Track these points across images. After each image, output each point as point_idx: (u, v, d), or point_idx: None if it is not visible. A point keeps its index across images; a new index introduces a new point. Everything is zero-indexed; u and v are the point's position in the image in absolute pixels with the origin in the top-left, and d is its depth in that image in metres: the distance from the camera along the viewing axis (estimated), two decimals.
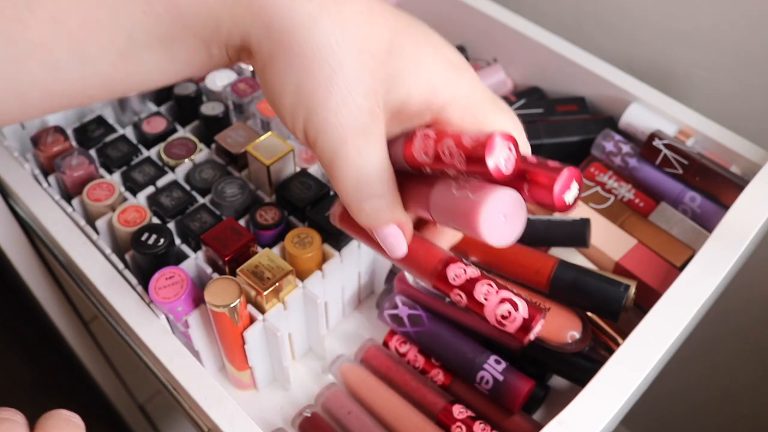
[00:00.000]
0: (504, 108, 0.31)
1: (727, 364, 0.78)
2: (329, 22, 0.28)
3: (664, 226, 0.47)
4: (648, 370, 0.36)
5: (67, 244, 0.43)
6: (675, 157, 0.48)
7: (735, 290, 0.53)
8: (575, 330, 0.40)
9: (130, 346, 0.44)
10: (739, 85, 0.58)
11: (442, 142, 0.28)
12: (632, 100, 0.52)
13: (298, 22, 0.28)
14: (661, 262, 0.45)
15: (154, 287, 0.39)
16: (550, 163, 0.28)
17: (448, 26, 0.63)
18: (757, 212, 0.43)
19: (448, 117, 0.29)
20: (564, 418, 0.34)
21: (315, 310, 0.42)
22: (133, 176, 0.46)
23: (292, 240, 0.41)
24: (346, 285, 0.46)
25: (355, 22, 0.28)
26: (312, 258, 0.41)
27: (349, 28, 0.28)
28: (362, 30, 0.28)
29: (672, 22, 0.59)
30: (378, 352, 0.44)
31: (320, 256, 0.42)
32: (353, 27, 0.28)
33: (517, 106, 0.54)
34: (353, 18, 0.28)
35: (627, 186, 0.50)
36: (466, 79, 0.30)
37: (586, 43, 0.56)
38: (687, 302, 0.39)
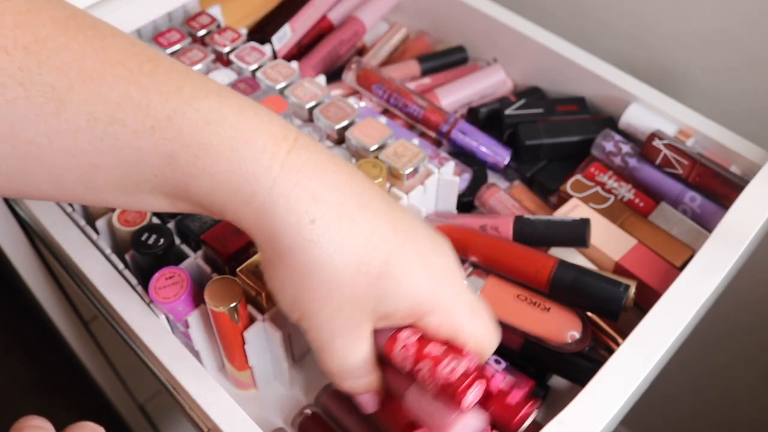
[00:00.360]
0: (481, 314, 0.34)
1: (727, 364, 0.78)
2: (330, 247, 0.29)
3: (664, 226, 0.47)
4: (648, 370, 0.36)
5: (67, 244, 0.43)
6: (675, 157, 0.48)
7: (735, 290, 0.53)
8: (575, 330, 0.40)
9: (130, 346, 0.44)
10: (739, 85, 0.58)
11: (421, 362, 0.32)
12: (632, 100, 0.52)
13: (300, 244, 0.29)
14: (661, 262, 0.45)
15: (154, 287, 0.39)
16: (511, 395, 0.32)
17: (448, 26, 0.63)
18: (757, 212, 0.43)
19: (427, 324, 0.32)
20: (564, 418, 0.34)
21: None
22: None
23: None
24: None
25: (355, 247, 0.30)
26: None
27: (348, 252, 0.30)
28: (360, 254, 0.30)
29: (672, 22, 0.59)
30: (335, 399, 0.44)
31: None
32: (352, 252, 0.30)
33: (517, 106, 0.54)
34: (354, 243, 0.30)
35: (627, 186, 0.50)
36: (447, 289, 0.33)
37: (586, 43, 0.56)
38: (687, 302, 0.39)
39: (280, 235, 0.29)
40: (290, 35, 0.60)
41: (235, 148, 0.28)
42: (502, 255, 0.44)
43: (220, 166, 0.28)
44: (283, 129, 0.30)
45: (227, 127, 0.28)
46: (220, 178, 0.29)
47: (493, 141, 0.53)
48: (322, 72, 0.60)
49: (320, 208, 0.29)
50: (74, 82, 0.27)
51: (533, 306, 0.42)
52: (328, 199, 0.29)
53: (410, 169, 0.45)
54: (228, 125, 0.29)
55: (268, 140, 0.29)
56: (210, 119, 0.28)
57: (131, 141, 0.28)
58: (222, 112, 0.29)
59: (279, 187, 0.29)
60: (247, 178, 0.29)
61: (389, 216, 0.31)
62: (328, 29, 0.64)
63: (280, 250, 0.30)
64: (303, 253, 0.29)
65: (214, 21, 0.55)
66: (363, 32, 0.64)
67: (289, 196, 0.29)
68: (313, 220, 0.29)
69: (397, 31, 0.64)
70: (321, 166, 0.30)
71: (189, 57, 0.52)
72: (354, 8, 0.65)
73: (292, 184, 0.29)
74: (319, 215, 0.29)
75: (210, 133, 0.28)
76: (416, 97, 0.54)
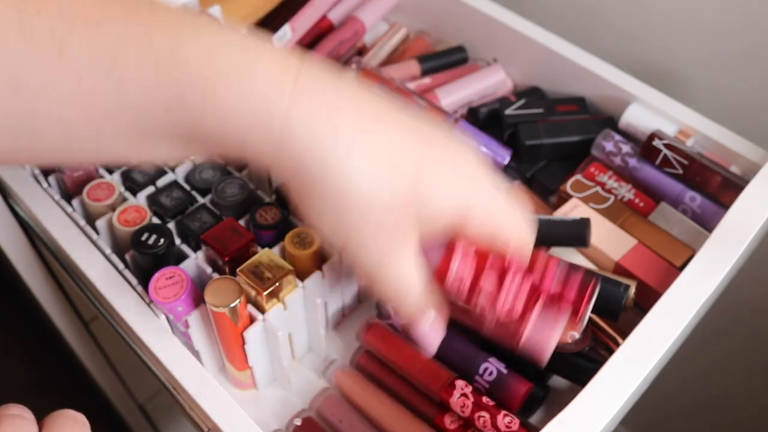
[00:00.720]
0: (515, 208, 0.34)
1: (728, 364, 0.78)
2: (360, 157, 0.29)
3: (664, 226, 0.47)
4: (648, 370, 0.36)
5: (67, 244, 0.43)
6: (675, 157, 0.48)
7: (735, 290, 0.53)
8: (575, 330, 0.40)
9: (130, 346, 0.44)
10: (740, 85, 0.58)
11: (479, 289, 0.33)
12: (632, 100, 0.52)
13: (330, 160, 0.29)
14: (661, 262, 0.45)
15: (154, 287, 0.39)
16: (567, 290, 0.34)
17: (448, 26, 0.63)
18: (757, 212, 0.43)
19: (469, 226, 0.32)
20: (564, 419, 0.34)
21: (315, 310, 0.42)
22: (133, 176, 0.46)
23: (292, 240, 0.42)
24: (347, 285, 0.46)
25: (385, 153, 0.29)
26: (312, 258, 0.41)
27: (380, 159, 0.29)
28: (392, 160, 0.30)
29: (672, 22, 0.59)
30: (373, 358, 0.44)
31: (320, 257, 0.42)
32: (384, 158, 0.29)
33: (517, 106, 0.54)
34: (383, 150, 0.29)
35: (627, 186, 0.50)
36: (483, 190, 0.33)
37: (586, 43, 0.56)
38: (687, 302, 0.39)
39: (308, 156, 0.28)
40: (290, 35, 0.60)
41: (244, 75, 0.28)
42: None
43: (231, 97, 0.28)
44: (288, 53, 0.29)
45: (233, 56, 0.28)
46: (233, 109, 0.28)
47: (493, 141, 0.53)
48: None
49: (342, 116, 0.29)
50: (74, 24, 0.26)
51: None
52: (347, 106, 0.29)
53: None
54: (234, 54, 0.28)
55: (275, 64, 0.28)
56: (214, 51, 0.28)
57: (137, 80, 0.27)
58: (226, 43, 0.28)
59: (296, 105, 0.28)
60: (262, 103, 0.28)
61: (410, 124, 0.31)
62: (328, 29, 0.64)
63: (311, 174, 0.29)
64: (335, 171, 0.29)
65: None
66: (363, 32, 0.64)
67: (307, 112, 0.28)
68: (338, 128, 0.28)
69: (397, 31, 0.64)
70: (331, 81, 0.29)
71: None
72: (354, 8, 0.65)
73: (308, 100, 0.28)
74: (342, 123, 0.28)
75: (217, 63, 0.27)
76: (416, 97, 0.54)
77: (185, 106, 0.28)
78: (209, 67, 0.27)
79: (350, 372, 0.44)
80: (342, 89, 0.29)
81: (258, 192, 0.46)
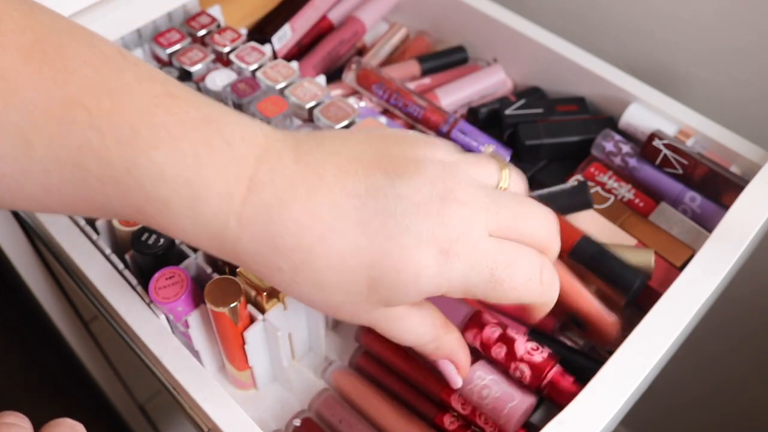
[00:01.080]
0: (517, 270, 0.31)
1: (728, 364, 0.78)
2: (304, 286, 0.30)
3: (664, 226, 0.47)
4: (648, 370, 0.36)
5: (67, 244, 0.43)
6: (675, 157, 0.48)
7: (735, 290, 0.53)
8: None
9: (130, 346, 0.44)
10: (740, 86, 0.58)
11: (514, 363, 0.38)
12: (632, 100, 0.52)
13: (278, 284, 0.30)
14: (661, 262, 0.45)
15: (154, 287, 0.39)
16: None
17: (448, 26, 0.63)
18: (757, 212, 0.43)
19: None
20: (564, 419, 0.34)
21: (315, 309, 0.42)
22: None
23: None
24: None
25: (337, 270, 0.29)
26: None
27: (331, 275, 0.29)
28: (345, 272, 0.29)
29: (672, 22, 0.59)
30: (372, 359, 0.44)
31: None
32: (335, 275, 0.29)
33: (517, 106, 0.54)
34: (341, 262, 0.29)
35: (627, 186, 0.50)
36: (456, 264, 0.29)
37: (586, 43, 0.56)
38: (687, 302, 0.39)
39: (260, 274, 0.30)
40: (290, 35, 0.60)
41: (192, 207, 0.28)
42: None
43: (184, 224, 0.29)
44: (240, 165, 0.28)
45: (182, 183, 0.28)
46: (188, 232, 0.29)
47: (493, 141, 0.53)
48: (322, 72, 0.60)
49: (282, 256, 0.29)
50: (38, 123, 0.26)
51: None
52: (288, 246, 0.29)
53: None
54: (183, 181, 0.28)
55: (222, 191, 0.28)
56: (166, 174, 0.27)
57: (99, 187, 0.28)
58: (178, 165, 0.27)
59: (241, 241, 0.29)
60: (212, 235, 0.29)
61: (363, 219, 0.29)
62: (328, 29, 0.64)
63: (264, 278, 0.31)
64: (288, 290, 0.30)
65: (214, 21, 0.55)
66: (363, 32, 0.64)
67: (251, 252, 0.29)
68: (281, 269, 0.29)
69: (397, 31, 0.64)
70: (277, 204, 0.28)
71: (189, 57, 0.52)
72: (354, 8, 0.65)
73: (251, 238, 0.29)
74: (283, 262, 0.29)
75: (168, 190, 0.28)
76: (416, 97, 0.54)
77: (147, 217, 0.29)
78: (161, 193, 0.28)
79: (349, 373, 0.44)
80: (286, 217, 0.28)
81: None
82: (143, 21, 0.53)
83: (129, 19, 0.52)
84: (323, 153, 0.30)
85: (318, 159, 0.30)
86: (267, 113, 0.48)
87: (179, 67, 0.52)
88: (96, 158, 0.27)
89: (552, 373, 0.38)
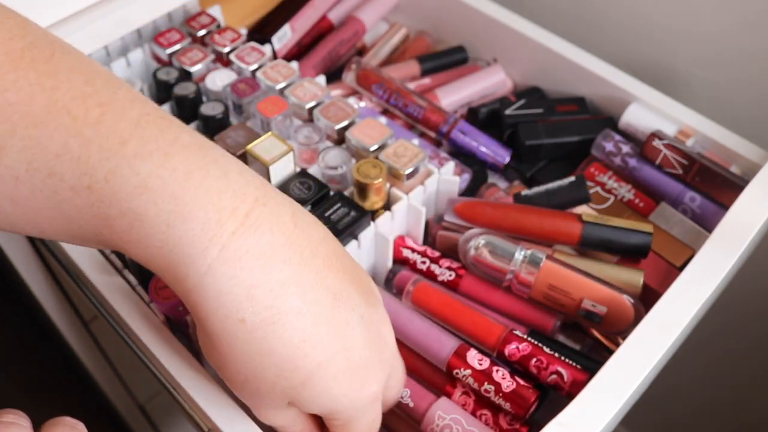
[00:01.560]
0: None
1: (728, 363, 0.78)
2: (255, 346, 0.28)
3: (664, 226, 0.47)
4: (648, 370, 0.36)
5: (66, 244, 0.43)
6: (675, 157, 0.48)
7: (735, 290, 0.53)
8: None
9: (130, 346, 0.44)
10: (740, 86, 0.58)
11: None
12: (632, 100, 0.52)
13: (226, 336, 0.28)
14: (661, 262, 0.45)
15: (154, 287, 0.39)
16: None
17: (448, 26, 0.63)
18: (757, 212, 0.43)
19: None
20: (564, 419, 0.34)
21: None
22: None
23: None
24: None
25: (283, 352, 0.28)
26: None
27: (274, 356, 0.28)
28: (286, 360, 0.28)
29: (672, 22, 0.59)
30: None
31: None
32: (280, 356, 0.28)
33: (517, 106, 0.54)
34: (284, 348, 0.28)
35: (627, 186, 0.50)
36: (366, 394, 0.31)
37: (586, 43, 0.56)
38: (687, 302, 0.39)
39: (207, 319, 0.27)
40: (290, 35, 0.60)
41: (171, 224, 0.26)
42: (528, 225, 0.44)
43: (153, 241, 0.26)
44: (236, 198, 0.27)
45: (166, 197, 0.26)
46: (152, 253, 0.27)
47: (493, 141, 0.53)
48: (322, 72, 0.60)
49: (253, 308, 0.27)
50: (17, 126, 0.25)
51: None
52: (263, 299, 0.27)
53: (410, 170, 0.45)
54: (167, 195, 0.26)
55: (212, 216, 0.26)
56: (149, 185, 0.26)
57: (69, 197, 0.26)
58: (164, 178, 0.26)
59: (213, 275, 0.26)
60: (180, 259, 0.26)
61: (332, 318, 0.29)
62: (328, 29, 0.64)
63: (205, 328, 0.28)
64: (227, 345, 0.27)
65: (214, 21, 0.55)
66: (363, 32, 0.64)
67: (221, 289, 0.26)
68: (243, 320, 0.27)
69: (397, 31, 0.64)
70: (269, 253, 0.27)
71: (189, 57, 0.52)
72: (354, 8, 0.65)
73: (228, 275, 0.26)
74: (249, 316, 0.27)
75: (147, 202, 0.26)
76: (416, 97, 0.54)
77: (112, 233, 0.27)
78: (138, 205, 0.26)
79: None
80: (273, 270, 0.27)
81: None
82: (143, 21, 0.53)
83: (129, 19, 0.52)
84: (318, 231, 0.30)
85: (313, 235, 0.29)
86: (267, 113, 0.48)
87: (179, 67, 0.52)
88: (73, 166, 0.26)
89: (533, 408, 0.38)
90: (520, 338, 0.39)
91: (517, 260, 0.42)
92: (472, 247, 0.43)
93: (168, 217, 0.26)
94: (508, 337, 0.40)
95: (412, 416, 0.40)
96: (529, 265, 0.41)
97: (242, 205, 0.27)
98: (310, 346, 0.28)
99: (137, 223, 0.26)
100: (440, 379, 0.41)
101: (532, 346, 0.39)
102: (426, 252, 0.46)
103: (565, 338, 0.44)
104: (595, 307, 0.40)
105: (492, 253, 0.42)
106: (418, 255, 0.46)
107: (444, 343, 0.41)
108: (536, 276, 0.41)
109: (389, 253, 0.46)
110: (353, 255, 0.44)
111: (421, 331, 0.41)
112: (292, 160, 0.45)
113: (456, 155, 0.53)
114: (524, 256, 0.42)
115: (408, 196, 0.46)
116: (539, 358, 0.39)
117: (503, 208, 0.45)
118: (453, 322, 0.42)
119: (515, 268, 0.42)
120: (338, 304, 0.29)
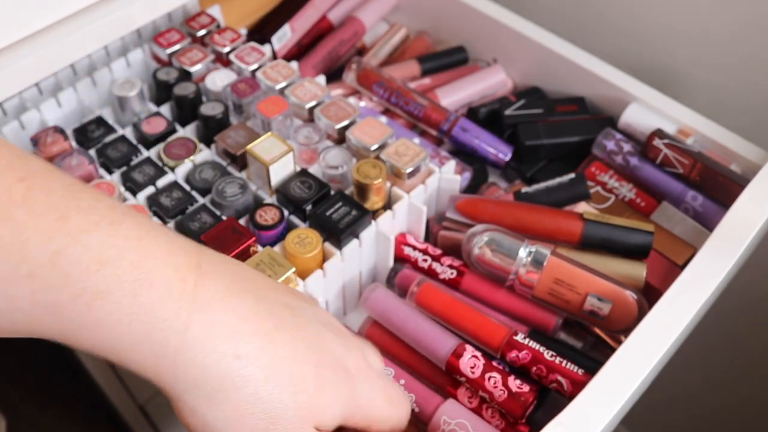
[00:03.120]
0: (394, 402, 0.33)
1: (728, 363, 0.78)
2: (262, 375, 0.27)
3: (666, 225, 0.47)
4: (648, 370, 0.36)
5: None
6: (676, 156, 0.48)
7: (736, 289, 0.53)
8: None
9: None
10: (740, 86, 0.58)
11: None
12: (632, 100, 0.52)
13: (232, 383, 0.26)
14: (663, 260, 0.45)
15: None
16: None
17: (448, 26, 0.63)
18: (757, 212, 0.43)
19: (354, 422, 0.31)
20: (564, 419, 0.34)
21: None
22: (132, 176, 0.46)
23: (292, 240, 0.41)
24: (347, 284, 0.46)
25: (286, 367, 0.28)
26: (313, 258, 0.41)
27: (282, 376, 0.27)
28: (293, 374, 0.28)
29: (672, 22, 0.59)
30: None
31: (321, 256, 0.42)
32: (286, 374, 0.28)
33: (517, 106, 0.54)
34: (283, 364, 0.28)
35: (628, 185, 0.50)
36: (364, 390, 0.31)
37: (586, 44, 0.56)
38: (687, 302, 0.39)
39: (206, 378, 0.26)
40: (290, 35, 0.60)
41: (138, 293, 0.25)
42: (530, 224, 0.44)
43: (119, 316, 0.25)
44: (185, 254, 0.27)
45: (127, 266, 0.24)
46: (121, 329, 0.25)
47: (494, 137, 0.53)
48: (322, 72, 0.60)
49: (242, 340, 0.27)
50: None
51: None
52: (245, 327, 0.27)
53: (411, 169, 0.45)
54: (128, 264, 0.24)
55: (174, 275, 0.26)
56: (105, 258, 0.24)
57: (2, 288, 0.23)
58: (118, 247, 0.24)
59: (194, 328, 0.26)
60: (156, 325, 0.25)
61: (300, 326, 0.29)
62: (328, 29, 0.64)
63: (209, 394, 0.27)
64: (238, 391, 0.27)
65: (214, 21, 0.55)
66: (363, 32, 0.64)
67: (206, 337, 0.26)
68: (239, 356, 0.26)
69: (397, 31, 0.64)
70: (229, 291, 0.27)
71: (189, 57, 0.52)
72: (354, 8, 0.65)
73: (207, 321, 0.26)
74: (242, 348, 0.27)
75: (106, 276, 0.24)
76: (417, 96, 0.54)
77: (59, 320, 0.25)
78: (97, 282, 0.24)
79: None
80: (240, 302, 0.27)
81: (258, 192, 0.46)
82: (143, 21, 0.53)
83: (129, 19, 0.52)
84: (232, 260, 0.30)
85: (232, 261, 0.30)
86: (267, 113, 0.48)
87: (179, 67, 0.52)
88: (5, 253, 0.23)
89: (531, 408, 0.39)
90: (521, 345, 0.39)
91: (522, 257, 0.42)
92: (476, 245, 0.43)
93: (133, 287, 0.25)
94: (510, 343, 0.40)
95: (417, 420, 0.40)
96: (534, 261, 0.41)
97: (192, 257, 0.27)
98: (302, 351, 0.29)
99: (98, 302, 0.24)
100: (444, 378, 0.41)
101: (533, 352, 0.39)
102: (427, 249, 0.46)
103: (566, 335, 0.44)
104: (601, 301, 0.40)
105: (496, 251, 0.42)
106: (420, 253, 0.46)
107: (443, 343, 0.41)
108: (541, 271, 0.41)
109: (391, 252, 0.46)
110: (355, 254, 0.44)
111: (422, 331, 0.42)
112: (292, 160, 0.45)
113: (457, 154, 0.53)
114: (529, 252, 0.42)
115: (409, 195, 0.46)
116: (539, 366, 0.39)
117: (505, 206, 0.45)
118: (456, 324, 0.42)
119: (520, 264, 0.42)
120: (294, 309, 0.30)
